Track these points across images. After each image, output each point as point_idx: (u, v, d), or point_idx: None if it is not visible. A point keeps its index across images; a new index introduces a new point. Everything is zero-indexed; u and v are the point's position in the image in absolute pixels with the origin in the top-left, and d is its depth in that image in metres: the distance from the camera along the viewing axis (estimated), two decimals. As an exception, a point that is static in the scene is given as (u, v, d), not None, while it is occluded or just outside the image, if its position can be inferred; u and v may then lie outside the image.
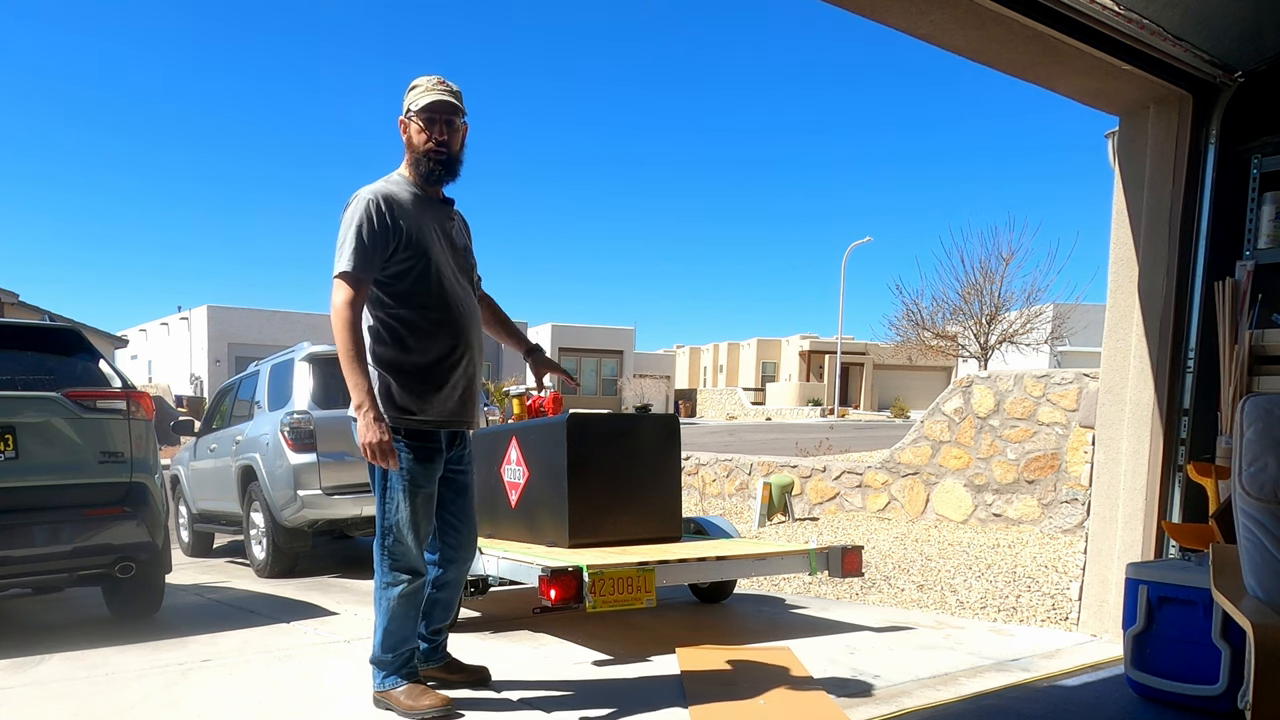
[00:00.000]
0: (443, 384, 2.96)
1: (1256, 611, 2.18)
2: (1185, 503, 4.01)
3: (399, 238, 2.86)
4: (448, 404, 2.99)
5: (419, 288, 2.92)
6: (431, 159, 2.93)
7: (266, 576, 6.91)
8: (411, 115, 2.92)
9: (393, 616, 2.99)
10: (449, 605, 3.29)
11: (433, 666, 3.27)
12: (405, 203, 2.91)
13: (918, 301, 26.89)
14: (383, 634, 3.02)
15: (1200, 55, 3.80)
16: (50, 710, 3.28)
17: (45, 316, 5.92)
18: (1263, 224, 3.79)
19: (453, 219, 3.09)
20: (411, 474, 2.93)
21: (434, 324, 2.95)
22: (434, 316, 2.95)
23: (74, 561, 4.48)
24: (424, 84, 2.92)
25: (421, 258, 2.90)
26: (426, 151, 2.92)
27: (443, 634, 3.31)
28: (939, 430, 8.95)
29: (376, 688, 3.07)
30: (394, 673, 3.04)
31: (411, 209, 2.92)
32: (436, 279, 2.93)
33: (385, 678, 3.05)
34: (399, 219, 2.87)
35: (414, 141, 2.94)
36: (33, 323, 5.22)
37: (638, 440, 4.77)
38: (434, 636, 3.27)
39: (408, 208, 2.91)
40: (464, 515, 3.19)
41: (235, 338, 33.00)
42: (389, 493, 2.94)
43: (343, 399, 6.88)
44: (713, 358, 53.33)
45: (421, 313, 2.93)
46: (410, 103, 2.92)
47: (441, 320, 2.96)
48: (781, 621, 4.76)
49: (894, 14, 3.49)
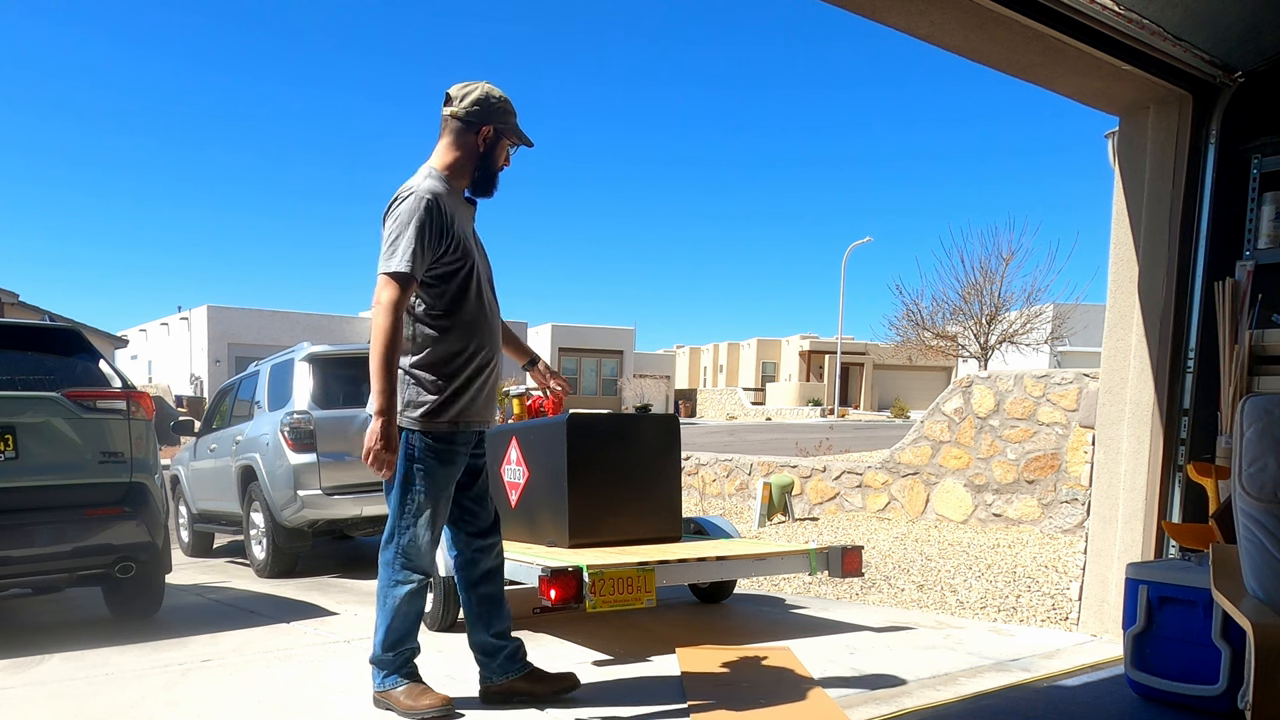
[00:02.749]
0: (471, 386, 2.95)
1: (1256, 611, 2.18)
2: (1185, 503, 4.01)
3: (450, 239, 2.85)
4: (473, 406, 2.97)
5: (462, 290, 2.91)
6: (497, 175, 3.01)
7: (266, 576, 6.91)
8: (502, 131, 2.95)
9: (396, 615, 2.97)
10: (499, 600, 3.14)
11: (514, 676, 3.12)
12: (453, 204, 2.91)
13: (918, 301, 26.93)
14: (384, 632, 2.99)
15: (1200, 55, 3.80)
16: (50, 710, 3.28)
17: (45, 316, 5.91)
18: (1263, 224, 3.79)
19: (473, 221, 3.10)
20: (435, 476, 2.91)
21: (470, 327, 2.94)
22: (470, 320, 2.94)
23: (74, 561, 4.48)
24: (506, 101, 2.96)
25: (467, 260, 2.91)
26: (500, 169, 3.00)
27: (510, 637, 3.14)
28: (939, 430, 8.95)
29: (376, 688, 3.05)
30: (394, 672, 3.02)
31: (455, 210, 2.92)
32: (476, 282, 2.95)
33: (385, 677, 3.03)
34: (451, 220, 2.87)
35: (495, 156, 2.97)
36: (33, 323, 5.22)
37: (638, 440, 4.77)
38: (502, 640, 3.11)
39: (454, 208, 2.91)
40: (480, 499, 3.14)
41: (235, 338, 33.00)
42: (410, 492, 2.91)
43: (342, 399, 6.98)
44: (713, 358, 53.33)
45: (461, 315, 2.92)
46: (499, 119, 2.94)
47: (476, 323, 2.96)
48: (781, 621, 4.76)
49: (893, 14, 3.49)
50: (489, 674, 3.13)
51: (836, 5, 3.36)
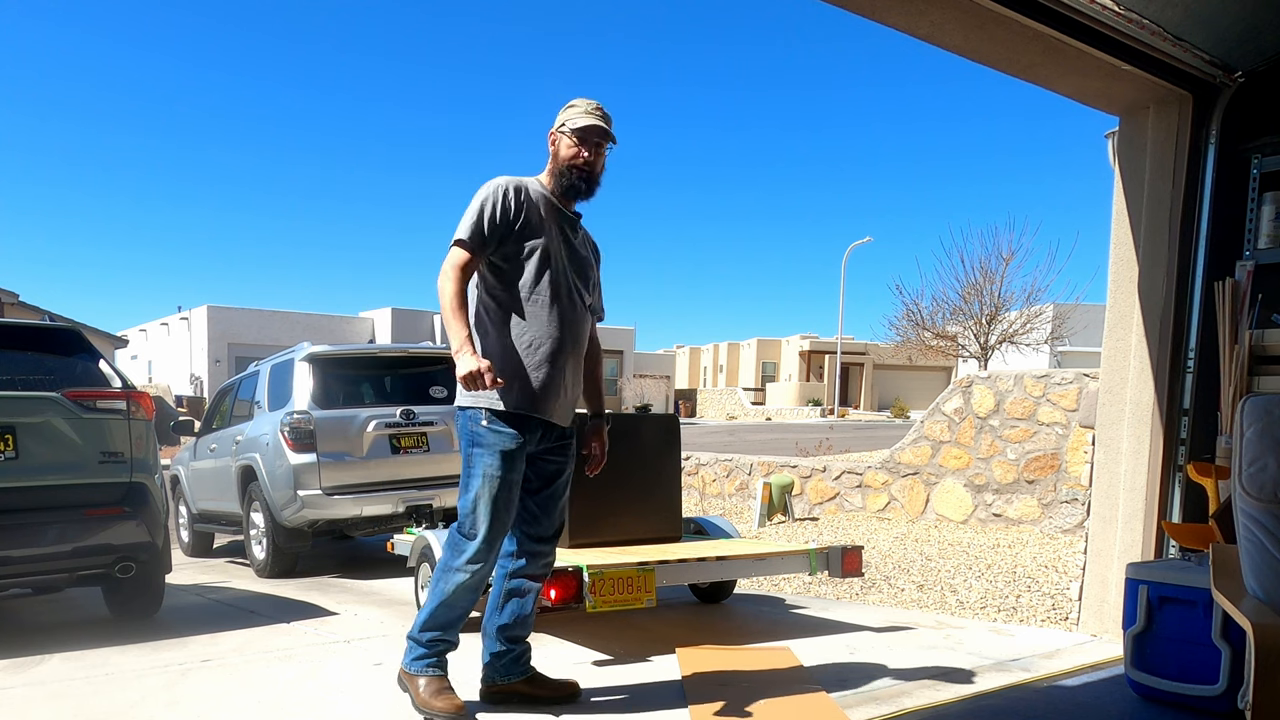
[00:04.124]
0: (529, 371, 2.97)
1: (1256, 611, 2.18)
2: (1185, 503, 4.01)
3: (520, 224, 2.95)
4: (530, 393, 2.97)
5: (527, 275, 2.97)
6: (575, 173, 3.04)
7: (266, 576, 6.91)
8: (566, 131, 3.04)
9: (444, 602, 2.96)
10: (522, 605, 3.10)
11: (515, 680, 3.13)
12: (537, 199, 3.02)
13: (918, 301, 26.91)
14: (429, 615, 2.99)
15: (1200, 55, 3.80)
16: (50, 710, 3.28)
17: (45, 316, 5.91)
18: (1263, 224, 3.79)
19: (578, 232, 3.17)
20: (489, 460, 2.93)
21: (532, 313, 2.98)
22: (533, 306, 2.98)
23: (74, 561, 4.48)
24: (582, 106, 3.05)
25: (537, 248, 2.98)
26: (572, 165, 3.04)
27: (519, 642, 3.13)
28: (939, 430, 8.95)
29: (404, 665, 3.05)
30: (423, 658, 3.00)
31: (541, 207, 3.02)
32: (546, 271, 2.99)
33: (414, 660, 3.02)
34: (525, 208, 2.97)
35: (562, 155, 3.05)
36: (33, 323, 5.21)
37: (638, 440, 4.77)
38: (509, 642, 3.10)
39: (537, 203, 3.01)
40: (546, 506, 3.13)
41: (235, 338, 33.00)
42: (470, 478, 2.94)
43: (342, 399, 6.98)
44: (713, 358, 53.33)
45: (522, 299, 2.97)
46: (566, 120, 3.04)
47: (540, 312, 2.99)
48: (781, 621, 4.76)
49: (893, 14, 3.49)
50: (492, 673, 3.13)
51: (836, 5, 3.36)
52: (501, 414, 2.94)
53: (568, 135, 3.03)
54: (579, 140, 3.01)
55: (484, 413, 2.95)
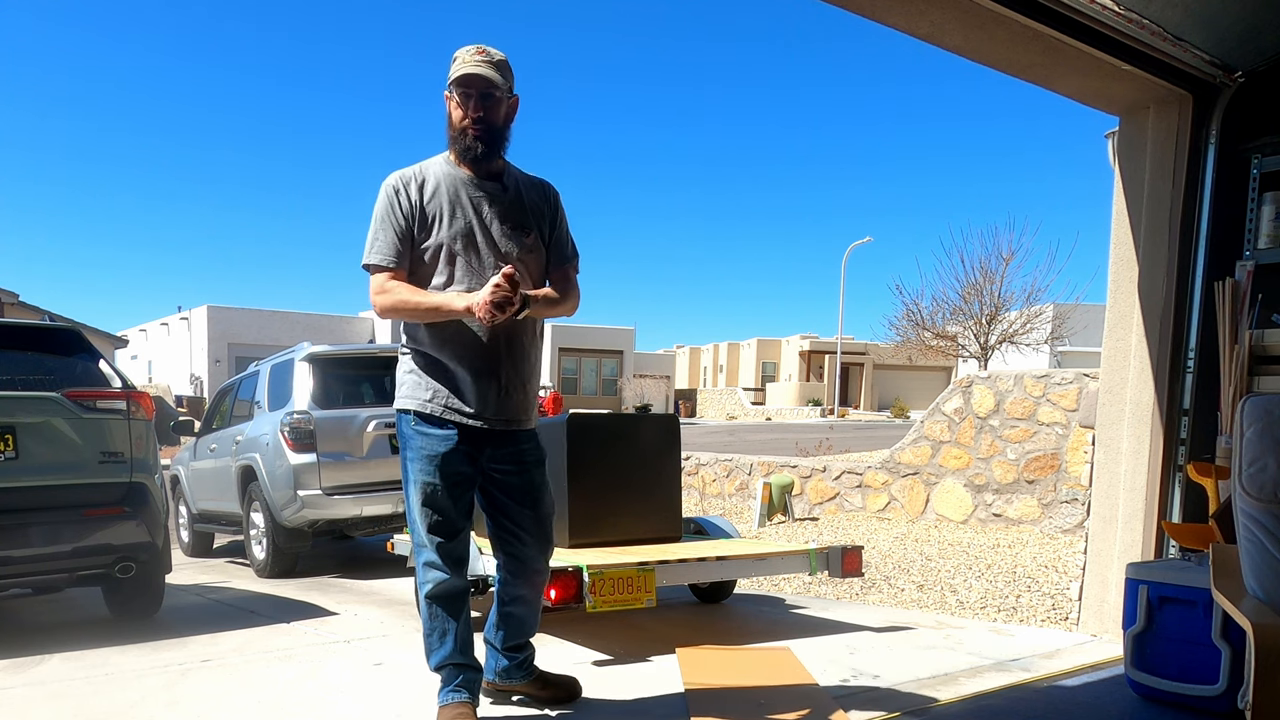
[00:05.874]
0: (448, 370, 2.78)
1: (1256, 611, 2.18)
2: (1185, 503, 4.01)
3: (418, 219, 2.76)
4: (453, 394, 2.78)
5: (436, 269, 2.77)
6: (468, 135, 2.78)
7: (266, 576, 6.91)
8: (449, 90, 2.79)
9: (423, 619, 2.87)
10: (521, 621, 3.02)
11: (519, 682, 3.10)
12: (436, 184, 2.79)
13: (918, 301, 26.93)
14: (425, 640, 2.89)
15: (1200, 55, 3.80)
16: (50, 710, 3.28)
17: (45, 316, 5.91)
18: (1263, 224, 3.79)
19: (507, 188, 2.87)
20: (418, 464, 2.80)
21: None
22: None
23: (74, 561, 4.48)
24: (462, 56, 2.74)
25: (442, 238, 2.76)
26: (463, 128, 2.78)
27: (523, 651, 3.08)
28: (939, 430, 8.95)
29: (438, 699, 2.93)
30: (443, 686, 2.88)
31: (445, 189, 2.79)
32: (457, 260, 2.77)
33: (439, 689, 2.89)
34: (422, 201, 2.76)
35: (451, 117, 2.81)
36: (33, 323, 5.22)
37: (638, 440, 4.77)
38: (511, 653, 3.06)
39: (439, 188, 2.79)
40: (520, 521, 2.90)
41: (235, 338, 33.03)
42: (406, 484, 2.83)
43: (342, 399, 6.98)
44: (713, 358, 53.32)
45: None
46: (450, 76, 2.77)
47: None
48: (781, 621, 4.76)
49: (893, 14, 3.48)
50: (495, 675, 3.12)
51: (836, 5, 3.36)
52: (427, 416, 2.78)
53: (452, 94, 2.77)
54: (462, 97, 2.74)
55: (411, 416, 2.79)
